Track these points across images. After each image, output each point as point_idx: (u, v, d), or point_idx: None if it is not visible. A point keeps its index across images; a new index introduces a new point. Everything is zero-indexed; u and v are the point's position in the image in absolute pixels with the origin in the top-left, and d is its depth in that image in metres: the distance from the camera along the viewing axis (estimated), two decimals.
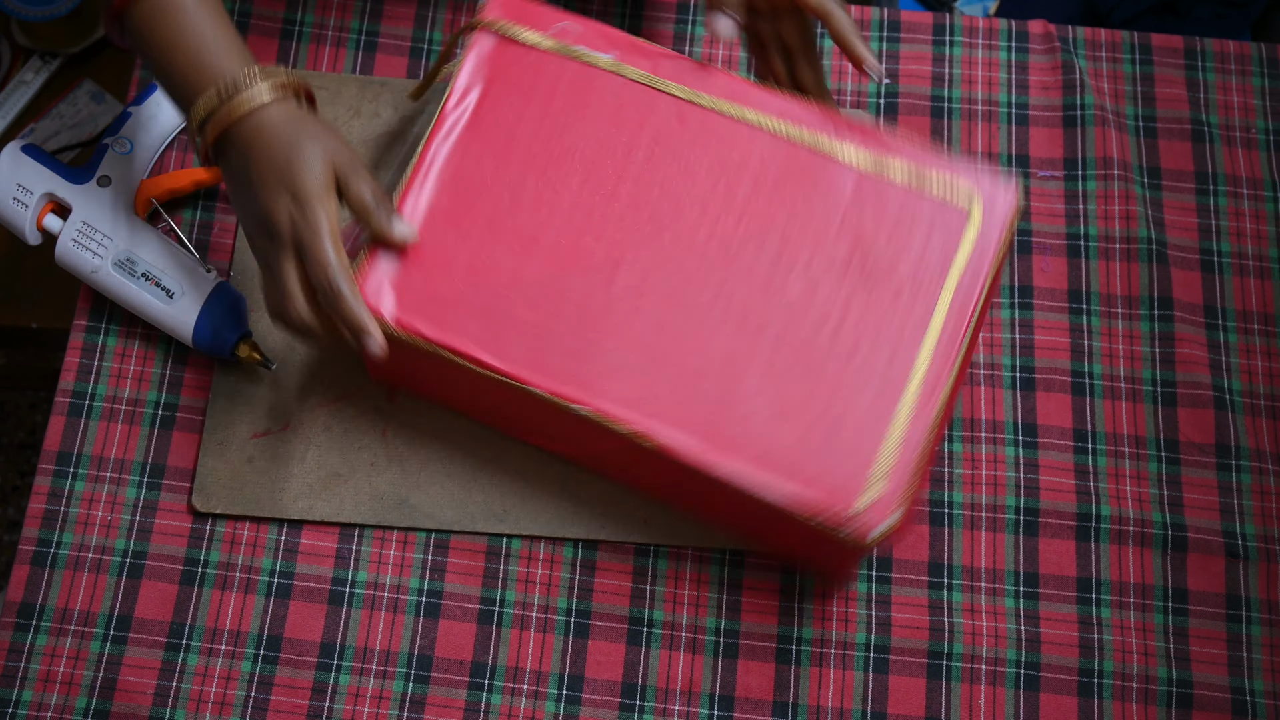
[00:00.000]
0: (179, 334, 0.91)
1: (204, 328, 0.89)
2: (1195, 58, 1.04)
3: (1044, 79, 1.03)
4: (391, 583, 0.89)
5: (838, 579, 0.88)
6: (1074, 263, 0.97)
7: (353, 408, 0.92)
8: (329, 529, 0.90)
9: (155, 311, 0.90)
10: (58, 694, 0.87)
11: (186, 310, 0.90)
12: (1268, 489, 0.92)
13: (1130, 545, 0.91)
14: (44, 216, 0.92)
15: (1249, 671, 0.88)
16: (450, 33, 1.03)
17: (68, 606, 0.88)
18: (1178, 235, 0.99)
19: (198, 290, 0.90)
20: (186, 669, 0.87)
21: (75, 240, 0.91)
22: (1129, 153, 1.00)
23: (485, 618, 0.89)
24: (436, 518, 0.90)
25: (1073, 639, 0.89)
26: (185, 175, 0.96)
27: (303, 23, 1.03)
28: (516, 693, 0.87)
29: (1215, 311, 0.97)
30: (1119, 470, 0.93)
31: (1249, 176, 1.01)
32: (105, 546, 0.90)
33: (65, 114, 1.37)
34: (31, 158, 0.93)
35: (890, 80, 1.02)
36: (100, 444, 0.92)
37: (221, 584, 0.89)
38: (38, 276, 1.30)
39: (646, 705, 0.87)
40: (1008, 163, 1.00)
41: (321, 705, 0.87)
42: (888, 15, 1.04)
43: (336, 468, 0.91)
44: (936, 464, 0.92)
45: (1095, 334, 0.96)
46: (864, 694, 0.87)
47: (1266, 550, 0.91)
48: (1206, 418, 0.94)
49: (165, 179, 0.95)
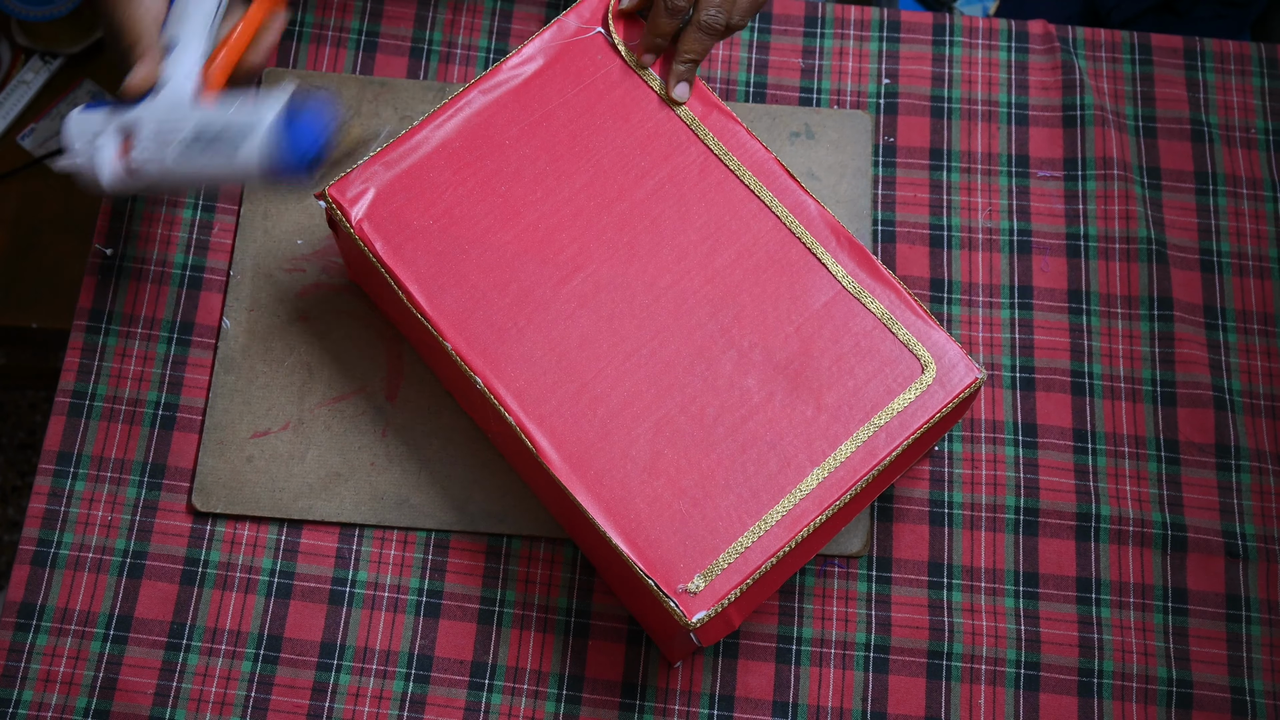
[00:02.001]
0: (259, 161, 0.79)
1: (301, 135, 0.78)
2: (1195, 58, 1.04)
3: (1044, 79, 1.03)
4: (392, 583, 0.89)
5: (670, 651, 0.85)
6: (1074, 263, 0.98)
7: (353, 408, 0.92)
8: (329, 529, 0.90)
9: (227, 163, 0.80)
10: (58, 694, 0.87)
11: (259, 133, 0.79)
12: (1267, 489, 0.92)
13: (1130, 545, 0.91)
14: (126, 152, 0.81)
15: (1249, 671, 0.88)
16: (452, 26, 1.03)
17: (68, 606, 0.88)
18: (1178, 235, 0.99)
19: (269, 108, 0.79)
20: (186, 669, 0.87)
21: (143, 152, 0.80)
22: (1129, 153, 1.00)
23: (485, 618, 0.89)
24: (436, 518, 0.90)
25: (1073, 639, 0.89)
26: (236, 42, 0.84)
27: (303, 23, 1.03)
28: (516, 693, 0.87)
29: (1215, 311, 0.97)
30: (1119, 470, 0.93)
31: (1249, 176, 1.01)
32: (105, 546, 0.90)
33: (65, 114, 1.37)
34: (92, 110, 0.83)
35: (890, 80, 1.02)
36: (100, 444, 0.92)
37: (221, 584, 0.89)
38: (38, 276, 1.30)
39: (647, 705, 0.87)
40: (1007, 163, 1.00)
41: (321, 705, 0.87)
42: (888, 15, 1.04)
43: (336, 468, 0.91)
44: (944, 488, 0.92)
45: (1095, 334, 0.96)
46: (864, 694, 0.87)
47: (1266, 550, 0.91)
48: (1206, 418, 0.94)
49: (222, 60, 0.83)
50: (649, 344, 0.82)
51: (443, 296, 0.83)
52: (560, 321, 0.83)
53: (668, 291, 0.83)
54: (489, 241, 0.84)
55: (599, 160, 0.86)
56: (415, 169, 0.85)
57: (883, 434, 0.80)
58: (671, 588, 0.77)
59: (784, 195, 0.86)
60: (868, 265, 0.84)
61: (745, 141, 0.87)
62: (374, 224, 0.84)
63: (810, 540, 0.79)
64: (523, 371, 0.82)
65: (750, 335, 0.82)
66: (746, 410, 0.81)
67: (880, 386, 0.81)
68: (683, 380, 0.82)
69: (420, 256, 0.84)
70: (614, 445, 0.80)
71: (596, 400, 0.81)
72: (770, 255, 0.84)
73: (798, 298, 0.83)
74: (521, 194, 0.85)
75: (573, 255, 0.84)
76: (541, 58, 0.88)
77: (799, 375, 0.82)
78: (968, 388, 0.82)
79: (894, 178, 1.00)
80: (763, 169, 0.86)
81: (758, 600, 0.80)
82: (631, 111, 0.87)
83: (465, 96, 0.87)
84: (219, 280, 0.96)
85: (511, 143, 0.86)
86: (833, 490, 0.79)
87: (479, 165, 0.86)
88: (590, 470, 0.80)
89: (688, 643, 0.79)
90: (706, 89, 0.88)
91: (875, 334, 0.83)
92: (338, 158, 0.82)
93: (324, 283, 0.95)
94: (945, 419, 0.82)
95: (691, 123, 0.87)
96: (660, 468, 0.80)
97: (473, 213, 0.85)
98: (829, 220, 0.85)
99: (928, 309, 0.85)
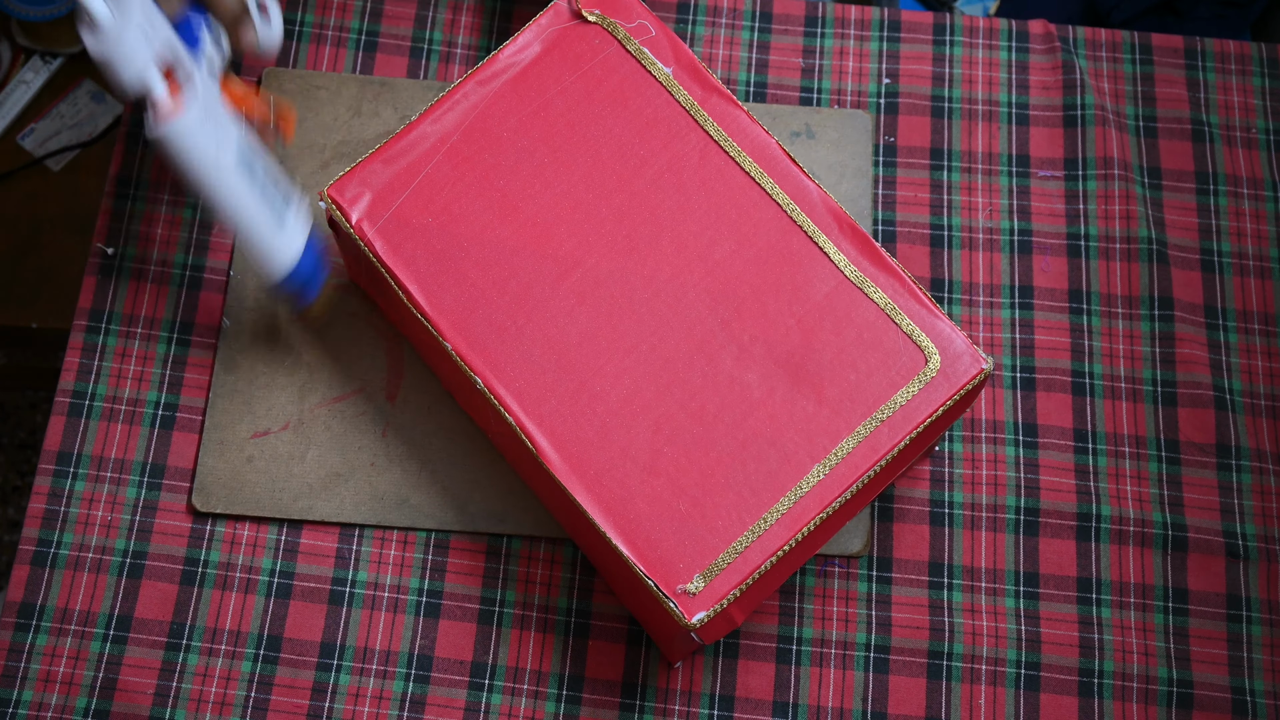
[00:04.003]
0: (276, 259, 0.80)
1: (310, 257, 0.80)
2: (1195, 58, 1.04)
3: (1044, 79, 1.03)
4: (391, 583, 0.89)
5: (670, 651, 0.85)
6: (1074, 263, 0.97)
7: (353, 408, 0.92)
8: (329, 529, 0.90)
9: (262, 228, 0.79)
10: (58, 694, 0.87)
11: (294, 233, 0.80)
12: (1268, 489, 0.92)
13: (1130, 545, 0.91)
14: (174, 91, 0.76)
15: (1249, 671, 0.88)
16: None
17: (68, 606, 0.88)
18: (1178, 235, 0.99)
19: (302, 212, 0.80)
20: (186, 669, 0.87)
21: (201, 118, 0.75)
22: (1129, 153, 1.00)
23: (485, 618, 0.89)
24: (436, 518, 0.90)
25: (1073, 639, 0.89)
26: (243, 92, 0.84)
27: (303, 23, 1.03)
28: (516, 693, 0.87)
29: (1215, 311, 0.97)
30: (1119, 470, 0.93)
31: (1249, 176, 1.01)
32: (105, 546, 0.90)
33: (65, 114, 1.37)
34: None
35: (891, 80, 1.02)
36: (100, 444, 0.92)
37: (221, 584, 0.89)
38: (38, 276, 1.30)
39: (647, 705, 0.87)
40: (1008, 163, 1.00)
41: (321, 705, 0.87)
42: (888, 15, 1.04)
43: (336, 468, 0.91)
44: (943, 478, 0.92)
45: (1095, 334, 0.96)
46: (864, 694, 0.87)
47: (1266, 550, 0.91)
48: (1207, 418, 0.94)
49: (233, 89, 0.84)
50: (648, 340, 0.82)
51: (442, 296, 0.83)
52: (559, 319, 0.82)
53: (667, 285, 0.83)
54: (488, 238, 0.84)
55: (598, 149, 0.85)
56: (414, 165, 0.85)
57: (885, 428, 0.79)
58: (671, 588, 0.77)
59: (785, 181, 0.84)
60: (870, 252, 0.83)
61: (746, 126, 0.86)
62: (373, 224, 0.84)
63: (811, 538, 0.79)
64: (522, 371, 0.81)
65: (751, 329, 0.82)
66: (747, 406, 0.80)
67: (883, 379, 0.80)
68: (683, 376, 0.81)
69: (420, 256, 0.83)
70: (613, 444, 0.80)
71: (596, 398, 0.81)
72: (771, 245, 0.83)
73: (799, 289, 0.82)
74: (520, 187, 0.85)
75: (571, 250, 0.84)
76: (538, 45, 0.87)
77: (800, 369, 0.81)
78: (973, 379, 0.80)
79: (894, 177, 1.00)
80: (763, 154, 0.85)
81: (759, 599, 0.79)
82: (630, 97, 0.86)
83: (462, 89, 0.87)
84: (219, 280, 0.96)
85: (510, 134, 0.86)
86: (833, 488, 0.79)
87: (477, 159, 0.85)
88: (589, 470, 0.79)
89: (689, 642, 0.79)
90: (707, 72, 0.87)
91: (878, 325, 0.81)
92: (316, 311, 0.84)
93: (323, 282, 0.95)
94: (950, 412, 0.81)
95: (691, 108, 0.86)
96: (660, 466, 0.79)
97: (472, 209, 0.84)
98: (831, 206, 0.84)
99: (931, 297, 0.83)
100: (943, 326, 0.81)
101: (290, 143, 0.84)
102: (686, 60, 0.87)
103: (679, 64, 0.87)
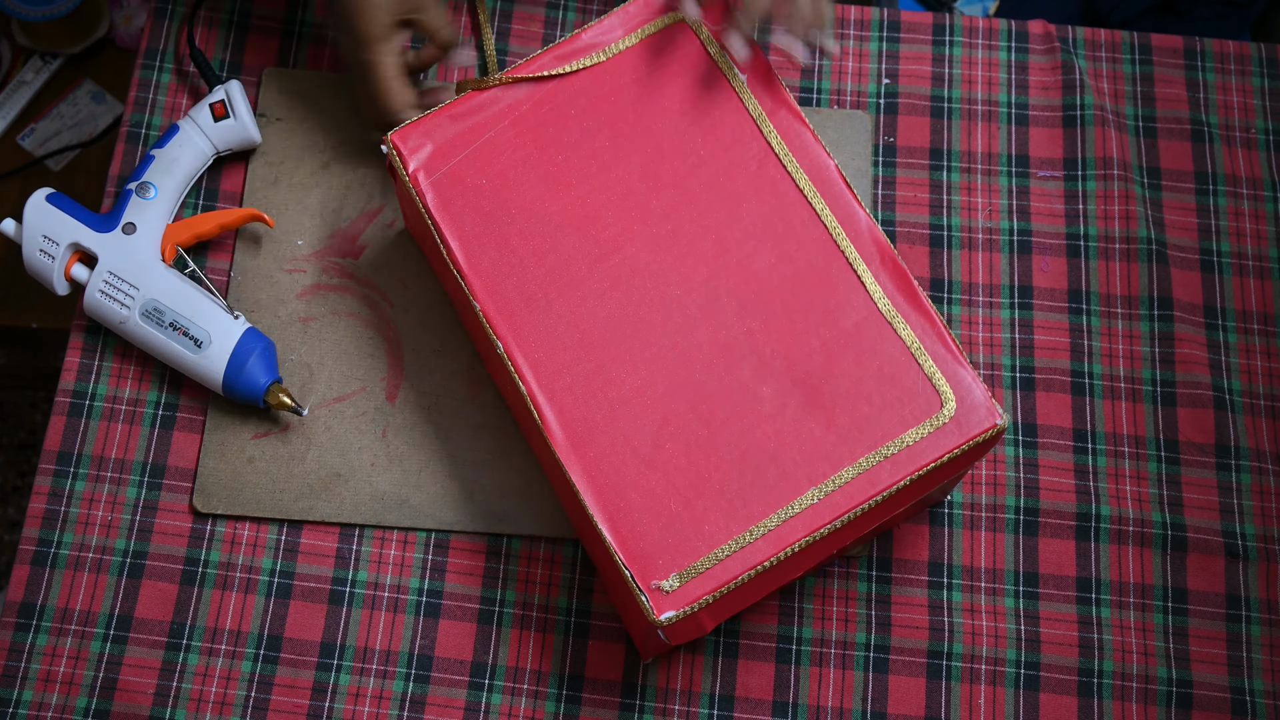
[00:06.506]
0: (209, 382, 0.90)
1: (234, 376, 0.89)
2: (1195, 58, 1.04)
3: (1044, 79, 1.03)
4: (392, 583, 0.89)
5: (643, 647, 0.85)
6: (1074, 263, 0.98)
7: (353, 408, 0.92)
8: (329, 529, 0.90)
9: (185, 361, 0.90)
10: (58, 694, 0.87)
11: (216, 359, 0.89)
12: (1267, 489, 0.92)
13: (1130, 545, 0.91)
14: (71, 266, 0.92)
15: (1249, 671, 0.88)
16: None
17: (68, 606, 0.88)
18: (1177, 235, 0.99)
19: (226, 337, 0.89)
20: (187, 669, 0.87)
21: (103, 291, 0.91)
22: (1129, 153, 1.00)
23: (485, 618, 0.89)
24: (436, 518, 0.90)
25: (1073, 639, 0.89)
26: (210, 219, 0.94)
27: (303, 23, 1.03)
28: (516, 692, 0.87)
29: (1215, 311, 0.97)
30: (1119, 470, 0.93)
31: (1249, 176, 1.01)
32: (105, 546, 0.90)
33: (65, 114, 1.37)
34: (56, 207, 0.92)
35: (890, 80, 1.02)
36: (100, 444, 0.92)
37: (222, 584, 0.89)
38: None
39: (647, 705, 0.87)
40: (1007, 163, 1.00)
41: (321, 705, 0.87)
42: (888, 15, 1.04)
43: (336, 468, 0.91)
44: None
45: (1095, 334, 0.96)
46: (864, 694, 0.87)
47: (1266, 550, 0.91)
48: (1206, 418, 0.94)
49: (191, 223, 0.93)
50: (672, 336, 0.82)
51: (481, 257, 0.83)
52: (589, 300, 0.83)
53: (701, 286, 0.83)
54: (536, 209, 0.84)
55: (659, 142, 0.86)
56: (479, 126, 0.85)
57: (887, 465, 0.79)
58: (646, 582, 0.77)
59: (836, 204, 0.84)
60: (907, 290, 0.82)
61: (809, 144, 0.86)
62: (429, 176, 0.85)
63: (793, 560, 0.78)
64: (544, 343, 0.82)
65: (774, 343, 0.82)
66: (756, 418, 0.80)
67: (895, 416, 0.80)
68: (698, 377, 0.81)
69: (467, 214, 0.84)
70: (618, 431, 0.80)
71: (610, 383, 0.81)
72: (811, 265, 0.83)
73: (830, 312, 0.82)
74: (577, 166, 0.85)
75: (614, 235, 0.84)
76: (621, 30, 0.88)
77: (815, 391, 0.81)
78: (985, 431, 0.79)
79: (894, 178, 1.00)
80: (820, 174, 0.85)
81: (731, 609, 0.79)
82: (701, 97, 0.86)
83: (539, 60, 0.87)
84: (219, 280, 0.96)
85: (577, 113, 0.86)
86: (824, 514, 0.78)
87: (540, 131, 0.86)
88: (590, 451, 0.79)
89: (657, 640, 0.79)
90: (781, 85, 0.87)
91: (901, 362, 0.81)
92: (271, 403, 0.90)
93: (324, 283, 0.95)
94: (956, 461, 0.80)
95: (759, 117, 0.86)
96: (659, 461, 0.79)
97: (526, 178, 0.85)
98: (877, 237, 0.83)
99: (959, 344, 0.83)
100: (965, 375, 0.80)
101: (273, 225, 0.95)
102: (762, 71, 0.87)
103: (754, 73, 0.87)
